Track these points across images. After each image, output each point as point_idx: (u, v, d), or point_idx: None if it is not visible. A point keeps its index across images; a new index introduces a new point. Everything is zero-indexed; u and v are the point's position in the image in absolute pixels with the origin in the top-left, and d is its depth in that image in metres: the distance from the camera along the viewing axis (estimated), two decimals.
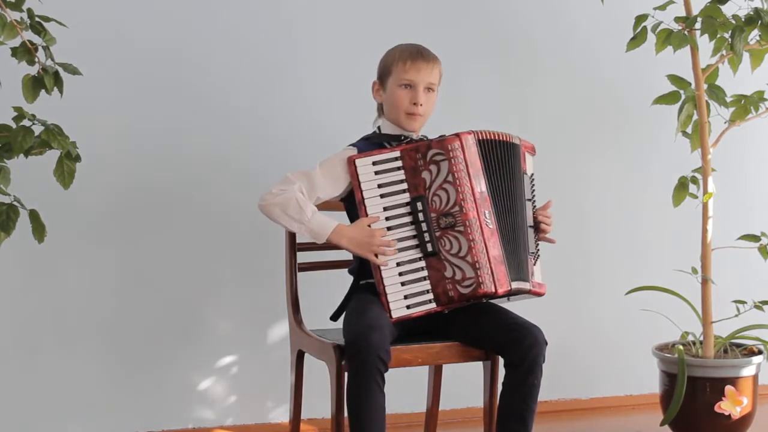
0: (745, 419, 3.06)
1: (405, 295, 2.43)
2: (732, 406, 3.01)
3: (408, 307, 2.42)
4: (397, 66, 2.57)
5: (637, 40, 3.10)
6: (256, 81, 3.21)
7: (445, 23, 3.43)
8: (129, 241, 3.09)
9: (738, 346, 3.20)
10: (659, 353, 3.14)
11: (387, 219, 2.46)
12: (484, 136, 2.52)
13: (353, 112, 2.92)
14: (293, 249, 2.71)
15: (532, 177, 2.63)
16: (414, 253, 2.45)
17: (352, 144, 2.61)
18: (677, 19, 3.08)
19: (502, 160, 2.53)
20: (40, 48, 2.16)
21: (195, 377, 3.17)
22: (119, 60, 3.05)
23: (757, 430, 3.14)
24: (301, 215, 2.45)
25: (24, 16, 2.15)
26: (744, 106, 3.22)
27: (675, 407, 3.02)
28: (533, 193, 2.63)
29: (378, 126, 2.66)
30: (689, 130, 3.20)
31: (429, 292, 2.43)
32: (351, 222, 2.55)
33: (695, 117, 3.16)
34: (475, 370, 2.62)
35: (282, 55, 3.24)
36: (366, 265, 2.50)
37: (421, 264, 2.44)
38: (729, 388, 3.01)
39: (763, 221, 3.61)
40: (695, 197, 3.25)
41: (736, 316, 3.13)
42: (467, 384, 2.98)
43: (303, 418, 2.84)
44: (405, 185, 2.47)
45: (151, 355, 3.11)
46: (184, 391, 3.16)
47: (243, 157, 3.19)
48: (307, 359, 2.67)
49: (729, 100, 3.21)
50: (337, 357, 2.39)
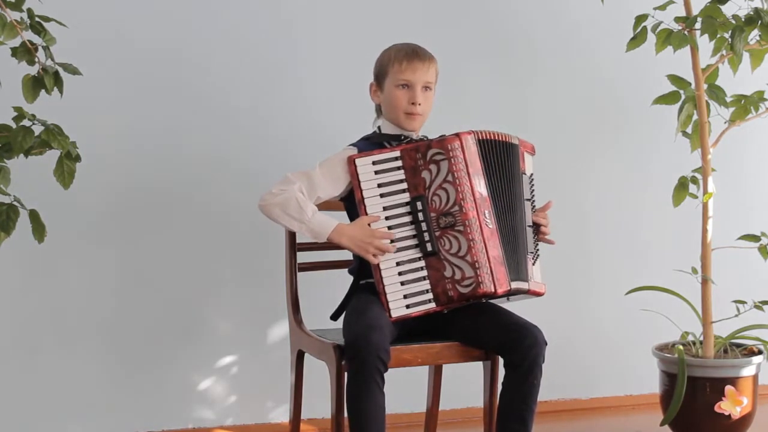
0: (745, 419, 3.06)
1: (404, 295, 2.42)
2: (732, 406, 3.01)
3: (407, 307, 2.42)
4: (393, 66, 2.57)
5: (637, 40, 3.10)
6: (256, 81, 3.21)
7: (445, 23, 3.43)
8: (129, 241, 3.09)
9: (738, 346, 3.19)
10: (659, 353, 3.14)
11: (387, 218, 2.46)
12: (483, 136, 2.52)
13: (353, 112, 2.92)
14: (293, 249, 2.71)
15: (531, 177, 2.63)
16: (414, 253, 2.45)
17: (352, 144, 2.61)
18: (677, 19, 3.08)
19: (501, 160, 2.53)
20: (40, 48, 2.16)
21: (195, 377, 3.17)
22: (119, 60, 3.06)
23: (757, 430, 3.14)
24: (302, 215, 2.45)
25: (24, 16, 2.15)
26: (744, 106, 3.22)
27: (675, 407, 3.02)
28: (532, 193, 2.62)
29: (378, 126, 2.66)
30: (689, 130, 3.20)
31: (428, 291, 2.43)
32: (351, 222, 2.55)
33: (695, 117, 3.16)
34: (475, 370, 2.61)
35: (282, 55, 3.24)
36: (366, 265, 2.50)
37: (421, 264, 2.44)
38: (729, 388, 3.01)
39: (763, 221, 3.61)
40: (695, 197, 3.24)
41: (736, 316, 3.13)
42: (467, 384, 2.97)
43: (303, 418, 2.84)
44: (405, 185, 2.47)
45: (151, 355, 3.11)
46: (184, 391, 3.16)
47: (243, 157, 3.19)
48: (307, 359, 2.67)
49: (729, 100, 3.21)
50: (337, 357, 2.39)
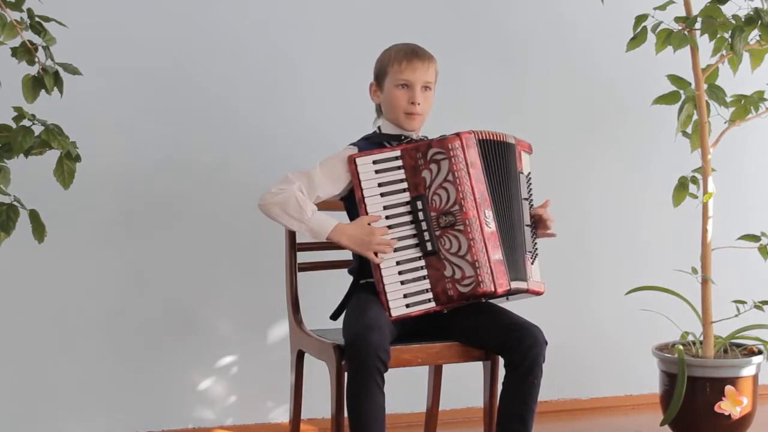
0: (745, 419, 3.06)
1: (404, 294, 2.42)
2: (732, 406, 3.01)
3: (407, 306, 2.42)
4: (393, 66, 2.57)
5: (637, 40, 3.10)
6: (256, 81, 3.21)
7: (445, 23, 3.43)
8: (129, 241, 3.09)
9: (738, 346, 3.19)
10: (659, 353, 3.14)
11: (387, 218, 2.46)
12: (483, 136, 2.52)
13: (353, 112, 2.92)
14: (293, 249, 2.71)
15: (528, 176, 2.63)
16: (413, 252, 2.45)
17: (352, 143, 2.61)
18: (677, 19, 3.08)
19: (500, 159, 2.53)
20: (40, 48, 2.16)
21: (195, 377, 3.17)
22: (119, 60, 3.05)
23: (757, 430, 3.13)
24: (301, 214, 2.45)
25: (24, 16, 2.15)
26: (744, 106, 3.22)
27: (675, 407, 3.02)
28: (530, 192, 2.62)
29: (378, 126, 2.66)
30: (689, 130, 3.20)
31: (428, 291, 2.43)
32: (351, 221, 2.55)
33: (695, 117, 3.16)
34: (475, 370, 2.61)
35: (282, 56, 3.24)
36: (366, 265, 2.50)
37: (421, 263, 2.44)
38: (729, 388, 3.01)
39: (763, 221, 3.61)
40: (695, 197, 3.24)
41: (736, 316, 3.13)
42: (467, 384, 2.97)
43: (303, 418, 2.84)
44: (405, 184, 2.47)
45: (151, 355, 3.11)
46: (184, 391, 3.16)
47: (243, 157, 3.19)
48: (307, 359, 2.67)
49: (729, 100, 3.21)
50: (337, 357, 2.39)
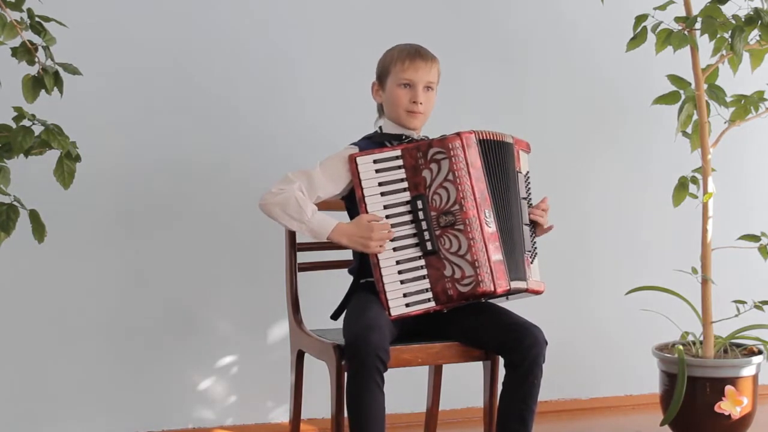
0: (745, 419, 3.06)
1: (404, 294, 2.42)
2: (732, 406, 3.01)
3: (407, 306, 2.42)
4: (396, 66, 2.57)
5: (637, 40, 3.10)
6: (256, 81, 3.21)
7: (445, 23, 3.43)
8: (129, 241, 3.09)
9: (738, 346, 3.19)
10: (659, 353, 3.14)
11: (387, 217, 2.45)
12: (484, 136, 2.52)
13: (353, 112, 2.92)
14: (293, 249, 2.71)
15: (527, 175, 2.63)
16: (413, 252, 2.44)
17: (353, 143, 2.61)
18: (677, 19, 3.08)
19: (499, 159, 2.53)
20: (40, 48, 2.16)
21: (195, 377, 3.17)
22: (119, 60, 3.05)
23: (757, 430, 3.13)
24: (301, 214, 2.45)
25: (24, 16, 2.15)
26: (744, 106, 3.22)
27: (675, 407, 3.02)
28: (528, 192, 2.62)
29: (379, 126, 2.67)
30: (689, 130, 3.20)
31: (428, 290, 2.43)
32: (351, 221, 2.55)
33: (695, 117, 3.16)
34: (475, 370, 2.61)
35: (282, 56, 3.24)
36: (366, 264, 2.50)
37: (421, 263, 2.44)
38: (729, 388, 3.01)
39: (763, 221, 3.61)
40: (695, 197, 3.24)
41: (736, 316, 3.13)
42: (467, 384, 2.97)
43: (303, 418, 2.84)
44: (405, 184, 2.47)
45: (151, 355, 3.11)
46: (184, 391, 3.15)
47: (243, 157, 3.19)
48: (307, 359, 2.67)
49: (729, 100, 3.21)
50: (337, 357, 2.39)
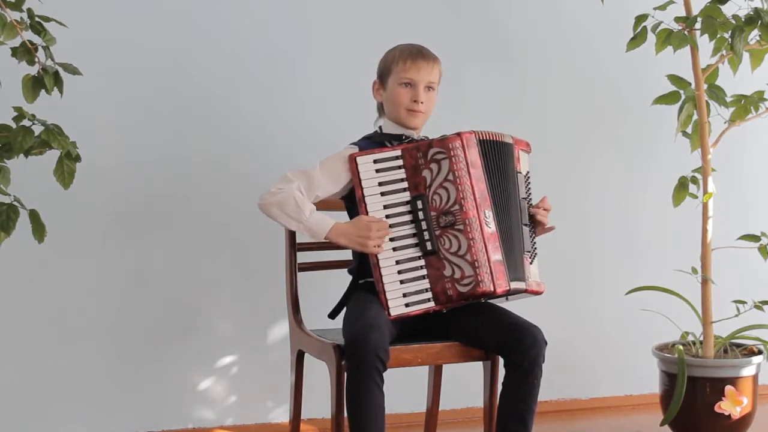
0: (745, 419, 3.06)
1: (404, 293, 2.42)
2: (732, 406, 3.01)
3: (406, 306, 2.41)
4: (398, 65, 2.58)
5: (637, 40, 3.10)
6: (256, 81, 3.21)
7: (445, 23, 3.43)
8: (129, 241, 3.09)
9: (738, 346, 3.19)
10: (659, 353, 3.14)
11: (387, 217, 2.45)
12: (484, 136, 2.52)
13: (353, 112, 2.92)
14: (293, 249, 2.71)
15: (527, 175, 2.63)
16: (413, 252, 2.44)
17: (353, 143, 2.61)
18: (677, 19, 3.08)
19: (499, 159, 2.53)
20: (40, 48, 2.16)
21: (195, 377, 3.17)
22: (119, 60, 3.05)
23: (757, 430, 3.13)
24: (299, 214, 2.45)
25: (24, 16, 2.15)
26: (744, 106, 3.22)
27: (675, 407, 3.02)
28: (528, 192, 2.62)
29: (379, 126, 2.67)
30: (689, 130, 3.20)
31: (428, 290, 2.43)
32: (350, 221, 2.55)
33: (695, 117, 3.16)
34: (475, 370, 2.61)
35: (282, 56, 3.24)
36: (366, 264, 2.50)
37: (421, 263, 2.44)
38: (729, 388, 3.01)
39: (763, 221, 3.61)
40: (695, 197, 3.24)
41: (736, 316, 3.13)
42: (467, 384, 2.97)
43: (303, 418, 2.84)
44: (405, 184, 2.47)
45: (151, 355, 3.11)
46: (184, 391, 3.15)
47: (243, 157, 3.19)
48: (307, 359, 2.67)
49: (729, 100, 3.21)
50: (337, 357, 2.39)
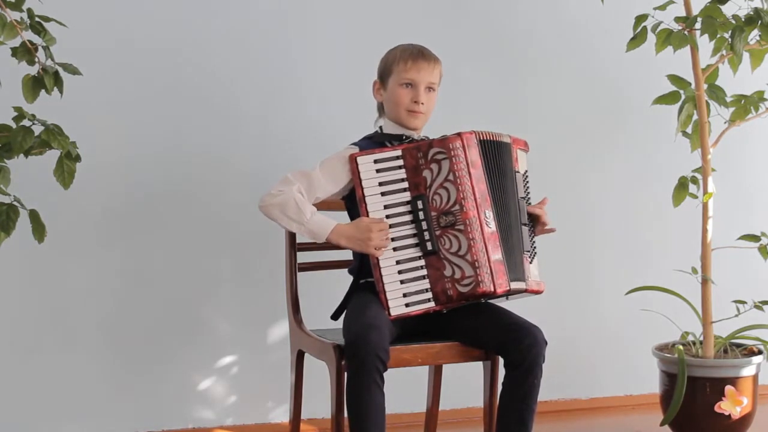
0: (745, 419, 3.06)
1: (404, 294, 2.42)
2: (732, 406, 3.01)
3: (407, 306, 2.42)
4: (399, 65, 2.58)
5: (637, 40, 3.10)
6: (256, 81, 3.21)
7: (445, 23, 3.43)
8: (129, 241, 3.09)
9: (738, 346, 3.19)
10: (659, 353, 3.14)
11: (387, 217, 2.45)
12: (484, 136, 2.52)
13: (354, 111, 2.92)
14: (293, 249, 2.71)
15: (525, 174, 2.63)
16: (413, 252, 2.44)
17: (353, 143, 2.61)
18: (677, 19, 3.08)
19: (499, 159, 2.53)
20: (40, 48, 2.16)
21: (195, 377, 3.17)
22: (119, 60, 3.05)
23: (757, 430, 3.13)
24: (300, 216, 2.45)
25: (24, 16, 2.15)
26: (744, 106, 3.22)
27: (675, 407, 3.02)
28: (527, 191, 2.62)
29: (380, 126, 2.67)
30: (689, 130, 3.20)
31: (428, 290, 2.43)
32: (350, 221, 2.55)
33: (695, 117, 3.16)
34: (475, 370, 2.61)
35: (282, 56, 3.24)
36: (366, 264, 2.50)
37: (421, 263, 2.44)
38: (729, 388, 3.01)
39: (763, 221, 3.61)
40: (695, 197, 3.24)
41: (736, 316, 3.13)
42: (467, 384, 2.97)
43: (303, 418, 2.84)
44: (406, 184, 2.47)
45: (151, 355, 3.11)
46: (184, 391, 3.15)
47: (243, 157, 3.19)
48: (307, 359, 2.67)
49: (729, 100, 3.21)
50: (337, 357, 2.39)
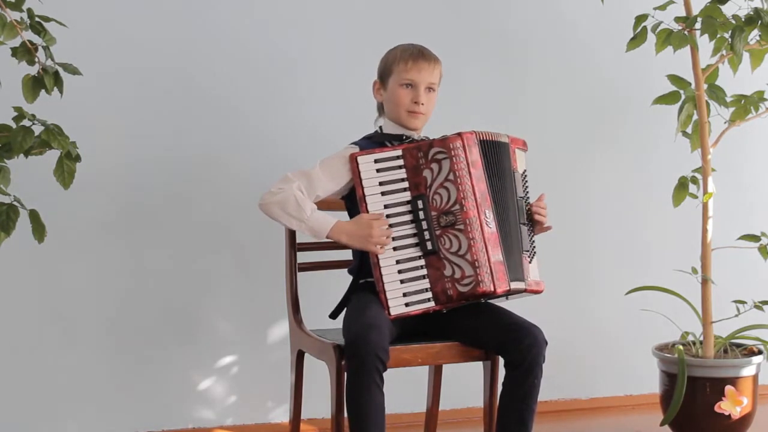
0: (745, 419, 3.06)
1: (404, 293, 2.42)
2: (732, 406, 3.01)
3: (406, 305, 2.42)
4: (399, 66, 2.58)
5: (637, 40, 3.10)
6: (256, 81, 3.21)
7: (445, 23, 3.43)
8: (129, 241, 3.09)
9: (738, 346, 3.19)
10: (659, 353, 3.14)
11: (387, 217, 2.45)
12: (484, 136, 2.52)
13: (354, 112, 2.92)
14: (293, 249, 2.71)
15: (524, 174, 2.63)
16: (413, 252, 2.44)
17: (353, 142, 2.61)
18: (677, 19, 3.08)
19: (498, 159, 2.53)
20: (40, 48, 2.17)
21: (195, 377, 3.17)
22: (119, 60, 3.05)
23: (757, 430, 3.14)
24: (300, 213, 2.45)
25: (24, 16, 2.15)
26: (744, 106, 3.22)
27: (675, 407, 3.02)
28: (526, 190, 2.62)
29: (380, 126, 2.67)
30: (689, 130, 3.20)
31: (428, 290, 2.43)
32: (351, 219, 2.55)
33: (695, 117, 3.16)
34: (475, 370, 2.61)
35: (282, 56, 3.24)
36: (366, 264, 2.50)
37: (421, 262, 2.44)
38: (729, 388, 3.01)
39: (763, 221, 3.61)
40: (695, 197, 3.24)
41: (736, 316, 3.13)
42: (467, 384, 2.98)
43: (303, 418, 2.84)
44: (406, 183, 2.47)
45: (152, 355, 3.11)
46: (184, 391, 3.15)
47: (243, 157, 3.19)
48: (307, 359, 2.67)
49: (729, 100, 3.21)
50: (337, 357, 2.39)
